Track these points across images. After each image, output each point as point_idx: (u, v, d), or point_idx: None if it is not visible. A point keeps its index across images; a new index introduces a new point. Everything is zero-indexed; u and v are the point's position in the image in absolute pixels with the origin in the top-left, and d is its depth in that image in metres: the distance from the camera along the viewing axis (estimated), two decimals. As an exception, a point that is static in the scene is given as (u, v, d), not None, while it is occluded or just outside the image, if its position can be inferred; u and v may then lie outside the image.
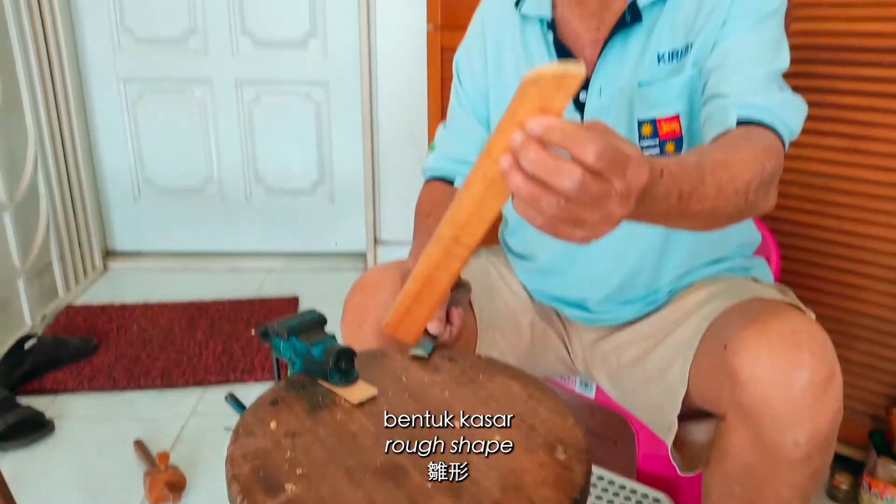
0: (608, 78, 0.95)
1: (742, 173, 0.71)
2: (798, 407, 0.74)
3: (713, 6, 0.89)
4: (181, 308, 2.20)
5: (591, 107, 0.96)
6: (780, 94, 0.84)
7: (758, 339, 0.78)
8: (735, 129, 0.81)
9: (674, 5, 0.92)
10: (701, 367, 0.89)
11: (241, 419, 0.75)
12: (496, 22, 1.06)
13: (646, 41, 0.93)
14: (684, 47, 0.91)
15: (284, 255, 2.62)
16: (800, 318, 0.80)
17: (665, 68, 0.92)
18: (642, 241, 0.98)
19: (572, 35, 0.98)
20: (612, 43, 0.94)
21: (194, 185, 2.58)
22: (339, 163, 2.54)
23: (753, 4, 0.87)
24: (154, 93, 2.47)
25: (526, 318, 1.10)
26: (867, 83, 1.24)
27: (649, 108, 0.92)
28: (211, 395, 1.77)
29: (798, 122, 0.84)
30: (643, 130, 0.93)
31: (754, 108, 0.82)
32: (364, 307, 0.99)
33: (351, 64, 2.40)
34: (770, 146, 0.78)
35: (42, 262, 2.19)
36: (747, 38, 0.87)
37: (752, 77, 0.85)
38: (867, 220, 1.29)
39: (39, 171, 2.14)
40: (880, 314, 1.31)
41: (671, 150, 0.92)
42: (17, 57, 2.04)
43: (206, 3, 2.36)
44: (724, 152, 0.74)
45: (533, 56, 1.01)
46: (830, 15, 1.26)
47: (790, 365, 0.75)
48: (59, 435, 1.61)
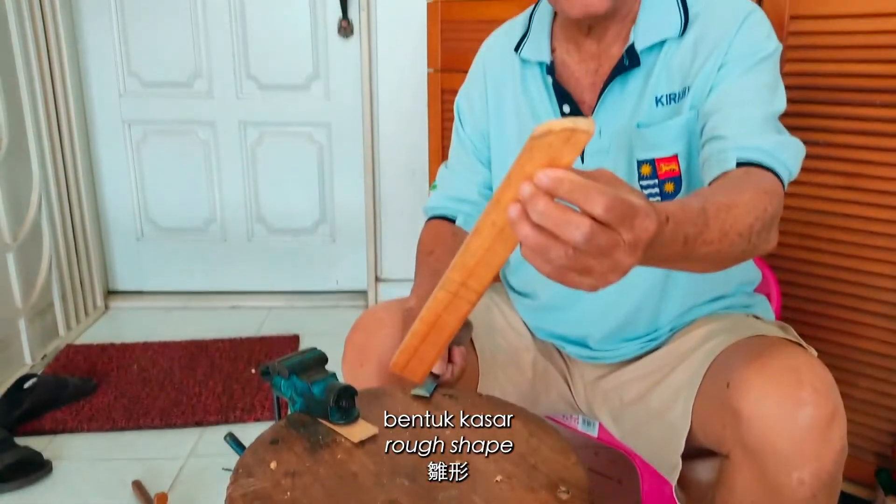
0: (608, 120, 0.96)
1: (745, 216, 0.72)
2: (802, 445, 0.74)
3: (709, 51, 0.90)
4: (181, 347, 2.20)
5: (591, 148, 0.97)
6: (778, 135, 0.86)
7: (760, 377, 0.78)
8: (735, 171, 0.82)
9: (670, 50, 0.93)
10: (704, 406, 0.88)
11: (240, 459, 0.75)
12: (496, 65, 1.08)
13: (644, 84, 0.94)
14: (681, 91, 0.92)
15: (285, 293, 2.62)
16: (801, 355, 0.80)
17: (663, 110, 0.93)
18: (644, 279, 0.98)
19: (571, 78, 0.99)
20: (611, 86, 0.95)
21: (197, 224, 2.60)
22: (340, 202, 2.57)
23: (749, 49, 0.89)
24: (158, 134, 2.51)
25: (528, 356, 1.10)
26: (860, 122, 1.26)
27: (648, 149, 0.93)
28: (210, 435, 1.76)
29: (796, 163, 0.85)
30: (642, 170, 0.94)
31: (753, 149, 0.83)
32: (365, 346, 0.99)
33: (353, 105, 2.44)
34: (770, 188, 0.79)
35: (44, 302, 2.19)
36: (744, 81, 0.88)
37: (750, 119, 0.86)
38: (865, 256, 1.30)
39: (43, 211, 2.16)
40: (882, 350, 1.31)
41: (670, 189, 0.93)
42: (24, 99, 2.08)
43: (212, 47, 2.41)
44: (727, 195, 0.74)
45: (533, 99, 1.02)
46: (823, 57, 1.28)
47: (793, 402, 0.75)
48: (57, 475, 1.60)
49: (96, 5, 2.36)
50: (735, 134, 0.85)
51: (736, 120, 0.86)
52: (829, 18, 1.26)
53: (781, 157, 0.83)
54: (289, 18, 2.39)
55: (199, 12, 2.38)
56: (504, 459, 0.74)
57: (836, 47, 1.26)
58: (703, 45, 0.91)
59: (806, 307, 1.38)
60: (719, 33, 0.90)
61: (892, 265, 1.27)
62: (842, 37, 1.25)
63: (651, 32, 0.93)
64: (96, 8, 2.36)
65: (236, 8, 2.38)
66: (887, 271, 1.28)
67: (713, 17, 0.92)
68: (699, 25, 0.92)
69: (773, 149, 0.83)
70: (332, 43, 2.40)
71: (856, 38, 1.24)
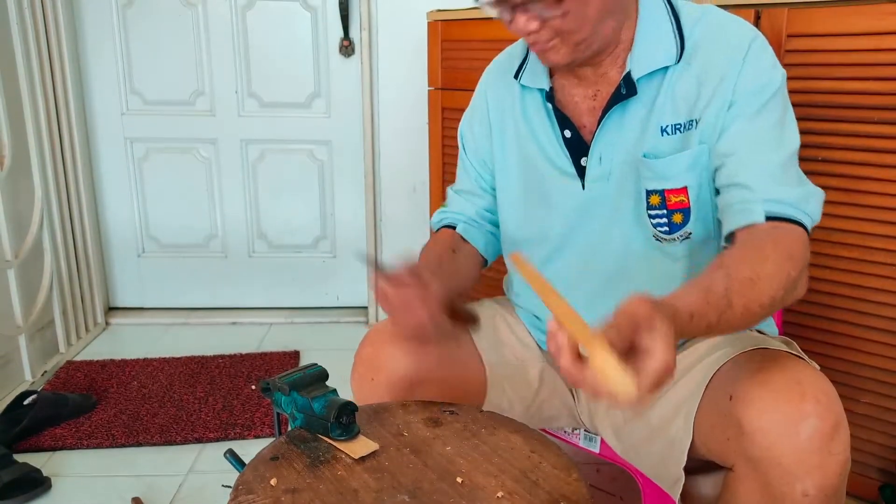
0: (608, 147, 0.96)
1: (768, 289, 0.77)
2: (805, 457, 0.74)
3: (715, 85, 0.89)
4: (181, 363, 2.19)
5: (591, 174, 0.97)
6: (801, 186, 0.86)
7: (763, 390, 0.78)
8: (762, 226, 0.83)
9: (673, 79, 0.92)
10: (706, 419, 0.88)
11: (240, 475, 0.75)
12: (498, 93, 1.08)
13: (648, 113, 0.93)
14: (688, 122, 0.92)
15: (286, 309, 2.62)
16: (804, 368, 0.81)
17: (669, 140, 0.92)
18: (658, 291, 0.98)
19: (571, 103, 0.99)
20: (610, 114, 0.94)
21: (198, 241, 2.60)
22: (341, 218, 2.57)
23: (757, 85, 0.88)
24: (160, 152, 2.52)
25: (535, 368, 1.10)
26: (858, 139, 1.27)
27: (658, 180, 0.93)
28: (210, 451, 1.75)
29: (819, 210, 0.88)
30: (651, 200, 0.94)
31: (781, 203, 0.84)
32: (376, 360, 0.99)
33: (354, 123, 2.46)
34: (795, 249, 0.81)
35: (44, 319, 2.19)
36: (756, 124, 0.88)
37: (770, 165, 0.86)
38: (864, 271, 1.30)
39: (45, 228, 2.17)
40: (884, 366, 1.31)
41: (679, 220, 0.94)
42: (27, 116, 2.09)
43: (214, 66, 2.43)
44: (751, 267, 0.77)
45: (534, 125, 1.02)
46: (821, 74, 1.29)
47: (796, 414, 0.75)
48: (57, 492, 1.59)
49: (99, 24, 2.39)
50: (758, 184, 0.85)
51: (757, 168, 0.86)
52: (827, 36, 1.27)
53: (806, 208, 0.85)
54: (290, 37, 2.41)
55: (201, 31, 2.40)
56: (505, 475, 0.73)
57: (834, 65, 1.28)
58: (708, 76, 0.90)
59: (807, 322, 1.38)
60: (724, 65, 0.89)
61: (892, 280, 1.28)
62: (839, 54, 1.26)
63: (647, 61, 0.92)
64: (99, 26, 2.39)
65: (238, 27, 2.41)
66: (887, 286, 1.28)
67: (716, 46, 0.91)
68: (702, 54, 0.91)
69: (798, 201, 0.85)
70: (334, 61, 2.42)
71: (853, 55, 1.25)
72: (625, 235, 0.97)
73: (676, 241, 0.95)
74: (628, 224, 0.96)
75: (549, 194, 1.02)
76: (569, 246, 1.02)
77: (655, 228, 0.95)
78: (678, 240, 0.95)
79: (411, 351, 0.98)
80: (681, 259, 0.96)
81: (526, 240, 1.06)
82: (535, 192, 1.03)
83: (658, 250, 0.96)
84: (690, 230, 0.94)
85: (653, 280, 0.97)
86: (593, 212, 0.98)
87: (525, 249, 1.06)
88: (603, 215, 0.98)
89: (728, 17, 0.94)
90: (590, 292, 1.00)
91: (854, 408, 1.34)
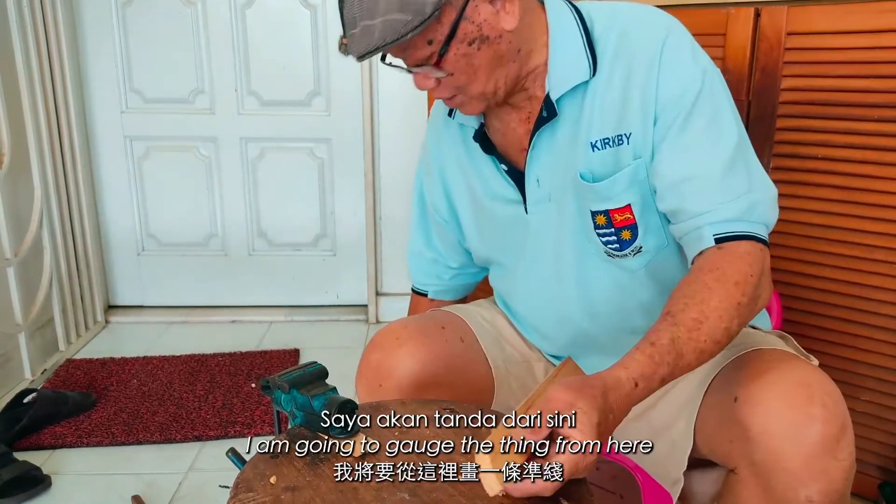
0: (543, 168, 0.95)
1: (718, 324, 0.78)
2: (811, 461, 0.74)
3: (637, 97, 0.87)
4: (181, 362, 2.19)
5: (531, 198, 0.97)
6: (747, 194, 0.84)
7: (769, 393, 0.77)
8: (710, 254, 0.83)
9: (594, 93, 0.90)
10: (708, 421, 0.88)
11: (240, 473, 0.75)
12: (439, 134, 1.07)
13: (574, 131, 0.91)
14: (616, 136, 0.89)
15: (286, 307, 2.62)
16: (809, 370, 0.80)
17: (601, 156, 0.90)
18: (648, 302, 0.98)
19: (507, 129, 0.97)
20: (538, 136, 0.93)
21: (198, 239, 2.60)
22: (341, 217, 2.57)
23: (679, 91, 0.85)
24: (160, 150, 2.52)
25: (540, 364, 1.11)
26: (858, 137, 1.27)
27: (600, 201, 0.91)
28: (210, 449, 1.75)
29: (772, 213, 0.86)
30: (597, 220, 0.93)
31: (727, 222, 0.83)
32: (384, 366, 0.98)
33: (353, 121, 2.45)
34: (742, 272, 0.81)
35: (44, 317, 2.19)
36: (686, 136, 0.86)
37: (709, 182, 0.84)
38: (864, 269, 1.30)
39: (44, 226, 2.17)
40: (884, 364, 1.31)
41: (627, 236, 0.92)
42: (26, 114, 2.09)
43: (213, 64, 2.43)
44: (697, 308, 0.78)
45: (475, 159, 1.01)
46: (820, 72, 1.29)
47: (803, 419, 0.74)
48: (56, 490, 1.59)
49: (99, 22, 2.38)
50: (701, 206, 0.84)
51: (696, 189, 0.85)
52: (827, 34, 1.27)
53: (756, 217, 0.84)
54: (290, 35, 2.41)
55: (200, 29, 2.40)
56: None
57: (834, 63, 1.27)
58: (629, 87, 0.88)
59: (807, 321, 1.38)
60: (642, 74, 0.87)
61: (891, 278, 1.28)
62: (839, 52, 1.26)
63: (562, 80, 0.90)
64: (99, 24, 2.38)
65: (238, 25, 2.40)
66: (887, 284, 1.28)
67: (630, 54, 0.88)
68: (620, 64, 0.88)
69: (745, 213, 0.84)
70: (333, 59, 2.42)
71: (853, 53, 1.25)
72: (576, 253, 0.97)
73: (630, 256, 0.94)
74: (578, 241, 0.96)
75: (500, 225, 1.02)
76: (530, 267, 1.02)
77: (606, 246, 0.94)
78: (631, 255, 0.94)
79: (419, 355, 0.97)
80: (638, 270, 0.95)
81: (493, 263, 1.10)
82: (487, 222, 1.04)
83: (613, 264, 0.95)
84: (641, 244, 0.93)
85: (617, 287, 0.97)
86: (541, 233, 0.98)
87: (493, 272, 1.11)
88: (551, 236, 0.98)
89: (637, 14, 0.91)
90: (560, 307, 1.01)
91: (854, 406, 1.34)
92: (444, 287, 1.20)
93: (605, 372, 0.74)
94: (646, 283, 0.96)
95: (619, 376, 0.74)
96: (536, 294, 1.03)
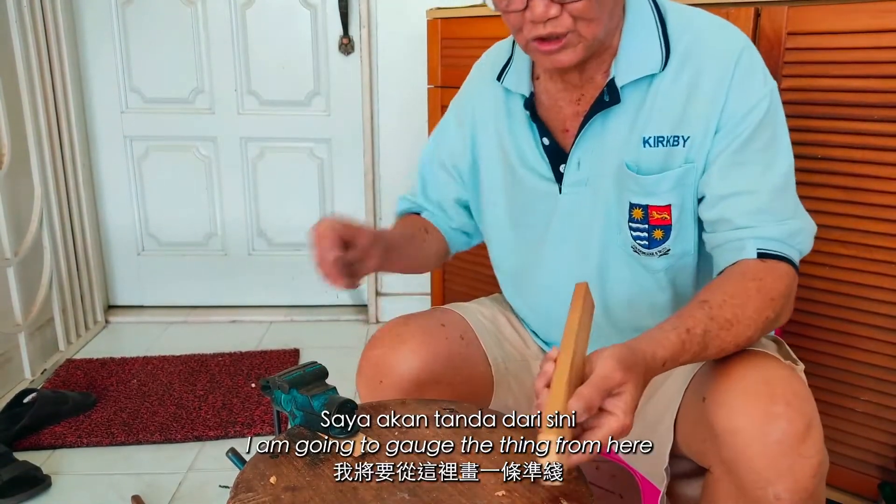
0: (588, 153, 0.94)
1: (745, 331, 0.80)
2: (775, 460, 0.74)
3: (703, 105, 0.87)
4: (181, 361, 2.19)
5: (569, 179, 0.96)
6: (791, 219, 0.86)
7: (733, 391, 0.78)
8: (751, 264, 0.84)
9: (659, 88, 0.90)
10: (686, 420, 0.89)
11: (240, 473, 0.75)
12: (483, 91, 1.06)
13: (632, 122, 0.91)
14: (673, 136, 0.89)
15: (286, 307, 2.62)
16: (776, 367, 0.80)
17: (651, 153, 0.90)
18: (658, 306, 0.98)
19: (554, 107, 0.97)
20: (592, 121, 0.92)
21: (197, 239, 2.60)
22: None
23: (745, 109, 0.86)
24: (159, 150, 2.52)
25: (537, 364, 1.10)
26: (858, 137, 1.27)
27: (643, 195, 0.91)
28: (210, 449, 1.75)
29: (810, 244, 0.88)
30: (634, 213, 0.93)
31: (771, 240, 0.85)
32: (384, 363, 0.98)
33: (353, 121, 2.45)
34: (778, 291, 0.83)
35: (44, 317, 2.19)
36: (745, 154, 0.86)
37: (760, 200, 0.86)
38: (864, 269, 1.30)
39: (44, 226, 2.17)
40: (882, 363, 1.31)
41: (659, 236, 0.93)
42: (26, 114, 2.09)
43: (213, 64, 2.43)
44: (732, 310, 0.80)
45: (515, 128, 1.01)
46: (821, 72, 1.29)
47: (765, 417, 0.74)
48: (56, 490, 1.59)
49: (99, 22, 2.38)
50: (749, 221, 0.85)
51: (746, 204, 0.86)
52: (827, 34, 1.27)
53: (796, 243, 0.86)
54: (290, 35, 2.41)
55: (200, 29, 2.40)
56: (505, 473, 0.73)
57: (834, 63, 1.27)
58: (696, 93, 0.88)
59: (806, 321, 1.38)
60: (712, 85, 0.87)
61: (891, 278, 1.27)
62: (840, 52, 1.26)
63: (632, 67, 0.89)
64: (99, 24, 2.38)
65: (238, 24, 2.40)
66: (887, 284, 1.28)
67: (703, 58, 0.88)
68: (690, 68, 0.88)
69: (788, 237, 0.85)
70: (333, 59, 2.42)
71: (854, 53, 1.25)
72: (602, 242, 0.96)
73: (655, 256, 0.94)
74: (606, 230, 0.96)
75: (529, 197, 1.01)
76: (549, 248, 1.01)
77: (635, 241, 0.94)
78: (656, 255, 0.94)
79: (420, 353, 0.97)
80: (659, 272, 0.96)
81: (511, 240, 1.06)
82: (516, 194, 1.03)
83: (636, 261, 0.96)
84: (669, 247, 0.93)
85: (635, 284, 0.97)
86: (571, 216, 0.98)
87: (511, 250, 1.07)
88: (580, 221, 0.97)
89: (715, 24, 0.92)
90: (570, 294, 1.00)
91: (853, 406, 1.34)
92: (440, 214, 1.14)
93: (647, 348, 0.75)
94: (663, 285, 0.96)
95: (656, 356, 0.75)
96: (552, 275, 1.02)
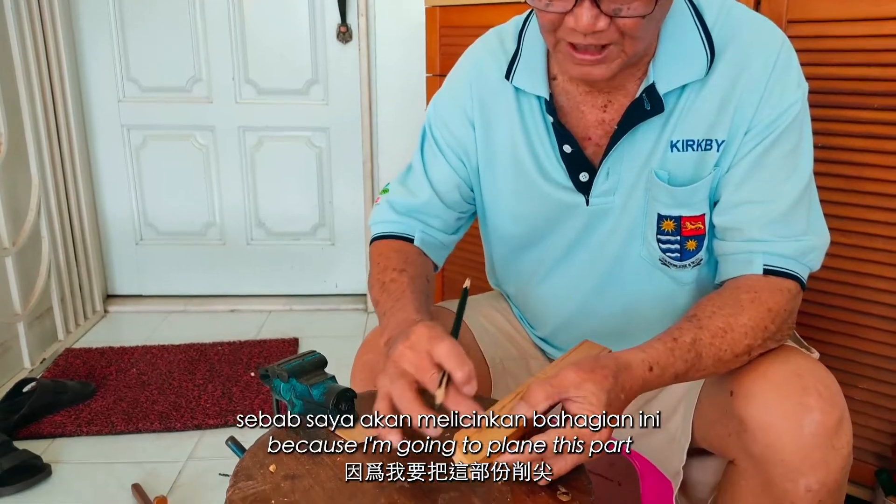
0: (618, 162, 0.87)
1: (742, 338, 0.77)
2: (809, 452, 0.73)
3: (740, 109, 0.83)
4: (180, 351, 2.19)
5: (598, 189, 0.89)
6: (805, 236, 0.83)
7: (764, 384, 0.77)
8: (751, 279, 0.82)
9: (692, 92, 0.84)
10: (706, 415, 0.88)
11: (240, 462, 0.75)
12: (487, 93, 0.95)
13: (661, 127, 0.85)
14: (705, 141, 0.84)
15: (284, 297, 2.62)
16: (803, 360, 0.80)
17: (679, 157, 0.85)
18: (652, 306, 0.96)
19: (576, 112, 0.89)
20: (632, 130, 0.85)
21: (196, 229, 2.60)
22: (339, 206, 2.57)
23: (777, 112, 0.82)
24: (157, 139, 2.51)
25: (535, 362, 1.10)
26: (859, 125, 1.26)
27: (675, 206, 0.86)
28: (210, 438, 1.75)
29: (819, 260, 0.86)
30: (664, 225, 0.88)
31: (781, 257, 0.82)
32: (379, 367, 0.96)
33: (352, 110, 2.44)
34: (777, 304, 0.80)
35: (43, 306, 2.19)
36: (769, 158, 0.83)
37: (776, 212, 0.83)
38: (865, 258, 1.30)
39: (42, 216, 2.16)
40: (882, 352, 1.31)
41: (693, 247, 0.88)
42: (23, 104, 2.08)
43: (211, 53, 2.42)
44: (725, 318, 0.77)
45: (529, 132, 0.92)
46: (821, 61, 1.28)
47: (799, 409, 0.74)
48: (56, 479, 1.59)
49: (95, 11, 2.37)
50: (762, 234, 0.83)
51: (761, 215, 0.83)
52: (827, 22, 1.26)
53: (806, 261, 0.84)
54: (287, 23, 2.40)
55: (197, 17, 2.39)
56: (504, 461, 0.73)
57: (835, 51, 1.27)
58: (734, 92, 0.83)
59: (806, 309, 1.38)
60: (752, 82, 0.82)
61: (892, 267, 1.27)
62: (840, 40, 1.26)
63: (674, 74, 0.83)
64: (95, 14, 2.37)
65: (235, 13, 2.39)
66: (887, 273, 1.28)
67: (744, 59, 0.83)
68: (732, 68, 0.83)
69: (800, 255, 0.83)
70: (331, 48, 2.41)
71: (854, 41, 1.24)
72: (623, 254, 0.92)
73: (687, 268, 0.90)
74: (630, 243, 0.91)
75: (544, 204, 0.93)
76: (565, 259, 0.96)
77: (665, 254, 0.89)
78: (689, 266, 0.90)
79: None
80: (688, 284, 0.92)
81: (522, 248, 1.00)
82: (528, 198, 0.94)
83: (663, 272, 0.91)
84: (703, 256, 0.89)
85: (657, 299, 0.93)
86: (593, 228, 0.92)
87: (520, 258, 1.01)
88: (603, 232, 0.91)
89: (751, 18, 0.86)
90: (582, 304, 0.97)
91: (852, 394, 1.35)
92: (430, 238, 0.99)
93: (620, 353, 0.73)
94: (686, 299, 0.93)
95: (633, 358, 0.73)
96: (563, 287, 0.97)
